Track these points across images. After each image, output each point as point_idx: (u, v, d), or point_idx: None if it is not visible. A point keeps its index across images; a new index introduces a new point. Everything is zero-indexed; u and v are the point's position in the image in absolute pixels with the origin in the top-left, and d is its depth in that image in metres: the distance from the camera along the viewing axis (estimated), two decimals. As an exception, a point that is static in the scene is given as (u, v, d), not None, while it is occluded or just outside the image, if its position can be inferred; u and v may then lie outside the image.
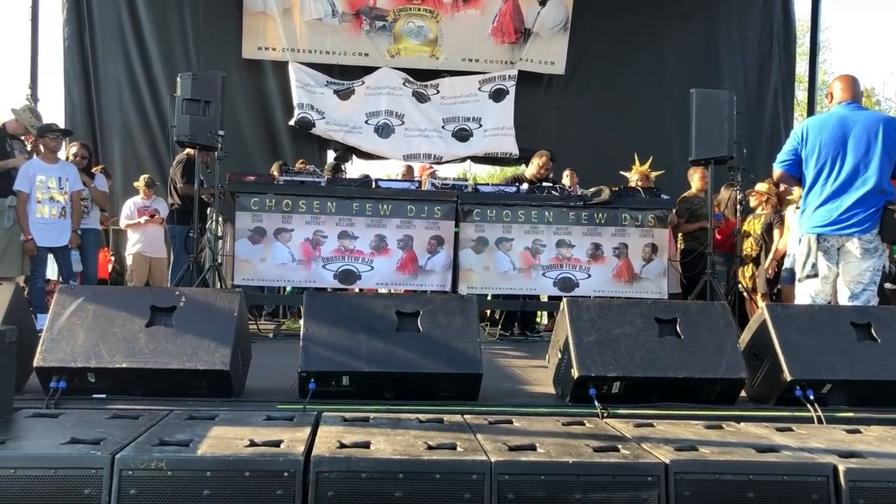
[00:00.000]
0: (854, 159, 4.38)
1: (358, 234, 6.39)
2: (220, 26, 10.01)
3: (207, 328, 3.40)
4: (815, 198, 4.50)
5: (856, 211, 4.38)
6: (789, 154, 4.64)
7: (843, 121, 4.45)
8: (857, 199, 4.37)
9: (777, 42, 11.29)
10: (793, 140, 4.64)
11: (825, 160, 4.45)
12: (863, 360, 3.57)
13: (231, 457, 2.33)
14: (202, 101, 6.36)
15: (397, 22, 10.36)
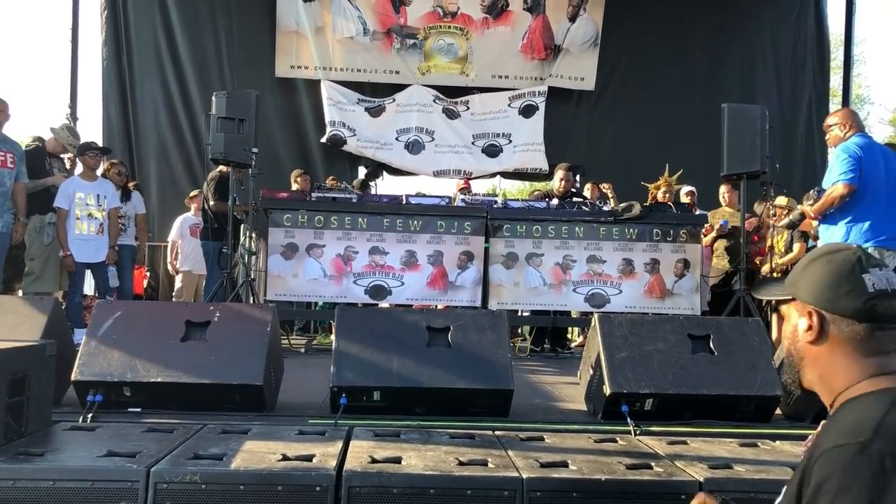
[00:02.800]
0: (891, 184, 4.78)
1: (388, 249, 6.42)
2: (253, 46, 10.18)
3: (241, 343, 3.44)
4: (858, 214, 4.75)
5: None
6: (857, 171, 4.72)
7: (877, 148, 4.87)
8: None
9: (811, 56, 11.19)
10: (854, 162, 4.73)
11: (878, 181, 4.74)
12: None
13: (264, 471, 2.35)
14: (236, 119, 6.45)
15: (428, 40, 10.45)
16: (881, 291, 1.38)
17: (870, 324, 1.38)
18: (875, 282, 1.39)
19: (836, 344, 1.42)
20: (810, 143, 11.02)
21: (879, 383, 1.37)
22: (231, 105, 6.47)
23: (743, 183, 6.68)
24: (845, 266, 1.42)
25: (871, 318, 1.38)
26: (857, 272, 1.40)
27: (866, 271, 1.40)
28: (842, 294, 1.40)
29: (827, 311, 1.42)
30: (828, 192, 4.79)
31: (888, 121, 27.07)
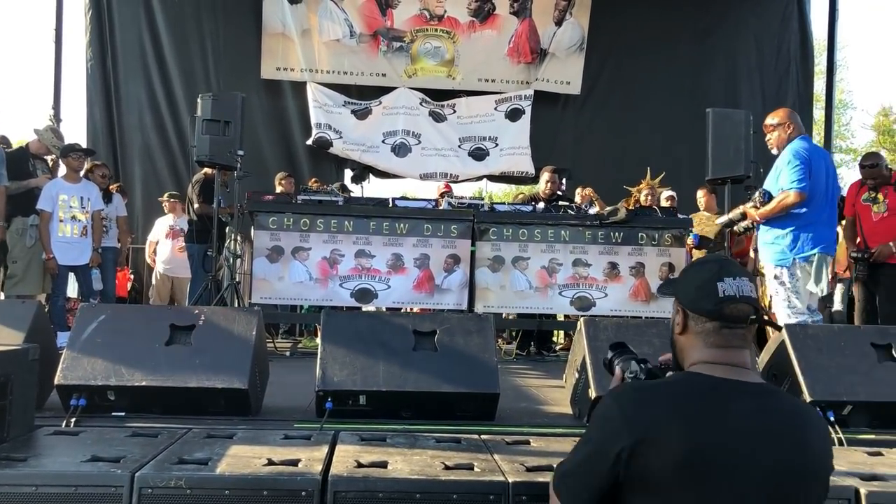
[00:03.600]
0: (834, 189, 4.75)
1: (375, 252, 6.41)
2: (239, 48, 10.15)
3: (226, 347, 3.42)
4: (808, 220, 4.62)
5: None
6: (808, 177, 4.59)
7: (821, 151, 4.88)
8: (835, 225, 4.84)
9: (794, 61, 11.28)
10: (805, 166, 4.59)
11: (824, 187, 4.66)
12: (884, 381, 3.53)
13: (249, 476, 2.33)
14: (222, 121, 6.43)
15: (414, 43, 10.46)
16: (730, 297, 1.67)
17: (718, 322, 1.69)
18: (726, 289, 1.68)
19: (693, 336, 1.73)
20: (794, 148, 11.10)
21: (703, 368, 1.69)
22: (216, 107, 6.45)
23: (728, 187, 6.72)
24: (706, 274, 1.72)
25: (719, 318, 1.69)
26: (713, 280, 1.70)
27: (721, 280, 1.69)
28: (700, 297, 1.71)
29: (689, 310, 1.74)
30: (780, 199, 4.58)
31: (870, 126, 27.34)
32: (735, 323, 1.69)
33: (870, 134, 27.43)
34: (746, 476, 1.56)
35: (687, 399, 1.63)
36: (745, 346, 1.71)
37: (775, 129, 4.78)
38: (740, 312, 1.69)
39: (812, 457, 1.61)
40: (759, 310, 1.73)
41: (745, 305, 1.69)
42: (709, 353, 1.70)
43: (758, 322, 1.72)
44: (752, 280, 1.74)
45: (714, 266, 1.74)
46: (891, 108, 27.22)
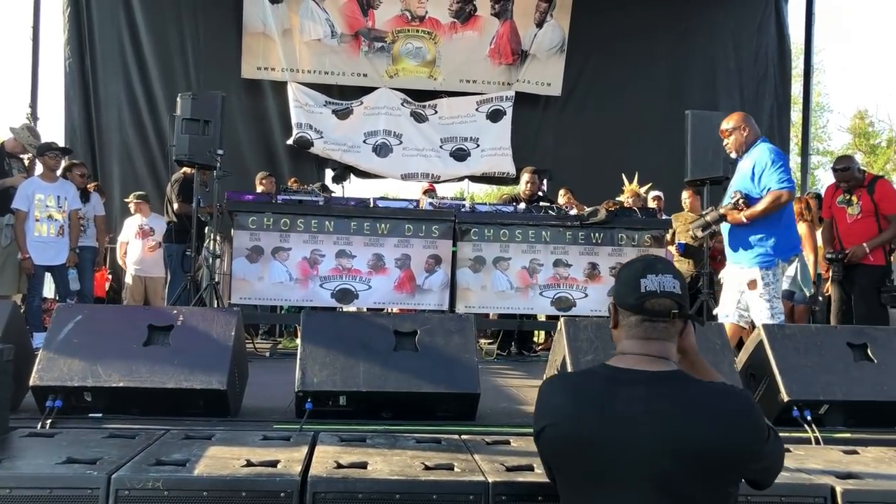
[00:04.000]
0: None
1: (356, 253, 6.39)
2: (219, 47, 10.09)
3: (204, 347, 3.40)
4: (785, 222, 4.64)
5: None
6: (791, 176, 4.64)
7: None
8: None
9: (772, 64, 11.40)
10: (784, 163, 4.61)
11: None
12: (860, 380, 3.57)
13: (228, 477, 2.32)
14: (202, 120, 6.40)
15: (396, 43, 10.45)
16: (651, 292, 1.81)
17: (640, 316, 1.82)
18: (647, 285, 1.82)
19: (621, 328, 1.88)
20: (772, 150, 11.20)
21: (619, 359, 1.85)
22: (196, 106, 6.42)
23: (706, 188, 6.77)
24: (632, 272, 1.86)
25: (640, 312, 1.82)
26: (637, 277, 1.84)
27: (645, 276, 1.83)
28: (625, 293, 1.86)
29: (618, 304, 1.89)
30: (772, 199, 4.48)
31: (846, 128, 27.67)
32: (656, 316, 1.82)
33: (846, 136, 27.79)
34: (627, 456, 1.71)
35: (584, 388, 1.83)
36: (666, 338, 1.84)
37: (732, 133, 4.76)
38: (661, 307, 1.81)
39: (699, 439, 1.68)
40: (683, 305, 1.84)
41: (665, 300, 1.81)
42: (629, 345, 1.85)
43: (681, 317, 1.84)
44: (678, 278, 1.86)
45: (640, 264, 1.88)
46: (866, 112, 27.59)
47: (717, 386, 1.83)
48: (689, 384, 1.80)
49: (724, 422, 1.71)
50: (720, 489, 1.73)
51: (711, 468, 1.70)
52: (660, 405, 1.73)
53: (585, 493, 1.80)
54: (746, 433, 1.73)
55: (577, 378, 1.94)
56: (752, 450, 1.74)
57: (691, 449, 1.69)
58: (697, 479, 1.69)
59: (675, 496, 1.70)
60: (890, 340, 3.75)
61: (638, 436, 1.71)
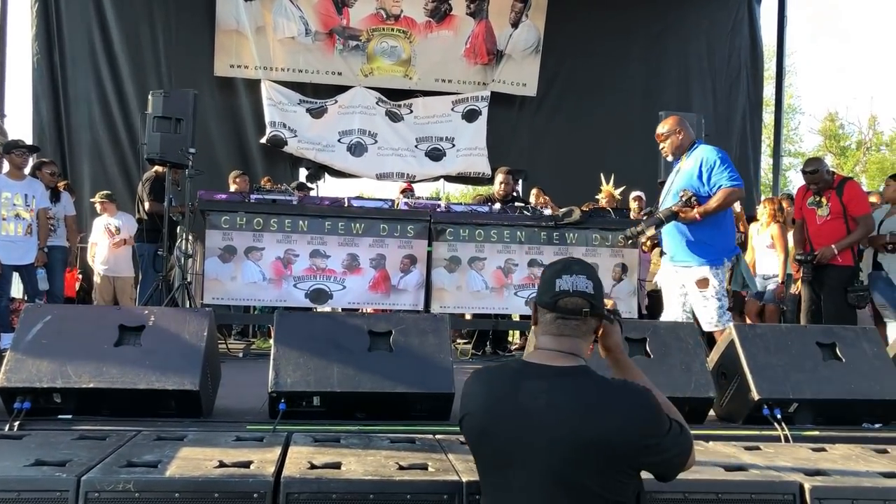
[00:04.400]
0: None
1: (330, 252, 6.37)
2: (192, 44, 10.00)
3: (176, 348, 3.36)
4: (728, 221, 4.70)
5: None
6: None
7: None
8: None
9: (745, 66, 11.53)
10: (731, 162, 4.62)
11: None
12: (828, 379, 3.63)
13: (200, 478, 2.30)
14: (173, 118, 6.34)
15: (371, 42, 10.42)
16: (564, 291, 1.92)
17: (554, 313, 1.93)
18: (561, 284, 1.93)
19: (539, 325, 1.98)
20: (744, 151, 11.35)
21: (532, 353, 1.97)
22: (168, 104, 6.36)
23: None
24: (551, 272, 1.97)
25: (554, 309, 1.93)
26: (554, 277, 1.95)
27: (560, 277, 1.94)
28: (543, 292, 1.97)
29: (537, 302, 1.99)
30: (724, 195, 4.46)
31: (817, 130, 28.07)
32: (568, 314, 1.93)
33: (817, 138, 28.19)
34: (527, 446, 1.83)
35: (496, 381, 1.97)
36: (578, 335, 1.95)
37: (668, 137, 4.77)
38: (573, 305, 1.92)
39: (596, 430, 1.78)
40: (594, 305, 1.95)
41: (577, 299, 1.92)
42: (543, 340, 1.96)
43: (593, 315, 1.95)
44: (591, 279, 1.96)
45: (559, 265, 1.99)
46: (837, 114, 28.01)
47: (617, 382, 1.93)
48: (590, 379, 1.89)
49: (619, 416, 1.81)
50: (614, 479, 1.82)
51: (604, 459, 1.79)
52: (560, 398, 1.84)
53: (494, 479, 1.94)
54: (640, 428, 1.81)
55: (494, 371, 2.03)
56: (645, 444, 1.82)
57: (585, 441, 1.78)
58: (591, 470, 1.80)
59: (569, 485, 1.81)
60: (857, 340, 3.81)
61: (538, 427, 1.82)
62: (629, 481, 1.86)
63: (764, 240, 7.14)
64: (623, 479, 1.84)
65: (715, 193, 4.50)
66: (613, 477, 1.82)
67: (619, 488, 1.84)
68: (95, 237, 8.35)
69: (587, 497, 1.81)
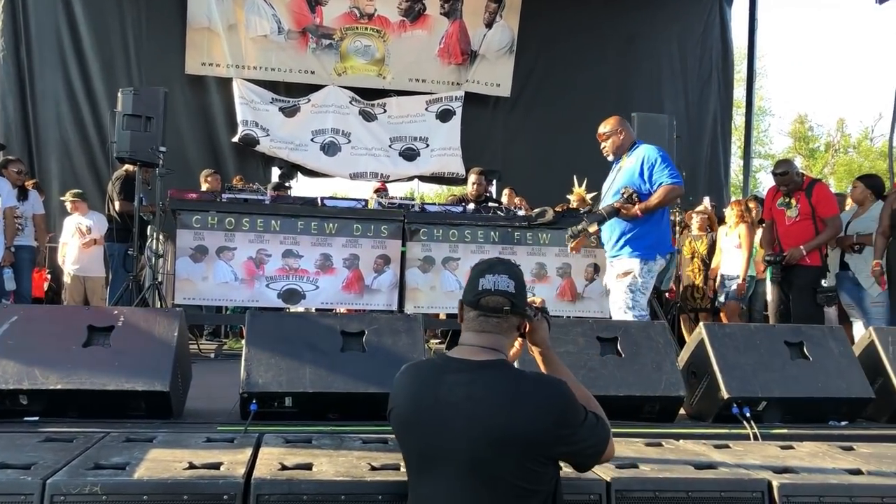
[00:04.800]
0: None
1: (303, 252, 6.33)
2: (162, 41, 9.89)
3: (146, 348, 3.33)
4: (666, 219, 4.77)
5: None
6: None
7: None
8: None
9: (716, 68, 11.65)
10: (671, 161, 4.68)
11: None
12: (796, 377, 3.68)
13: (169, 480, 2.27)
14: (144, 116, 6.28)
15: (344, 41, 10.38)
16: (486, 290, 2.00)
17: (477, 311, 2.01)
18: (484, 283, 2.01)
19: (463, 323, 2.06)
20: (715, 153, 11.48)
21: (456, 349, 2.04)
22: (138, 102, 6.29)
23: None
24: (476, 272, 2.05)
25: (477, 307, 2.01)
26: (478, 277, 2.03)
27: (484, 276, 2.02)
28: (468, 290, 2.05)
29: (462, 301, 2.07)
30: (665, 192, 4.48)
31: (787, 132, 28.47)
32: (490, 312, 2.00)
33: (787, 140, 28.60)
34: (446, 438, 1.90)
35: (420, 375, 2.05)
36: (499, 332, 2.02)
37: (609, 137, 4.86)
38: (494, 303, 2.00)
39: (511, 421, 1.86)
40: (515, 303, 2.02)
41: (499, 298, 2.00)
42: (466, 337, 2.04)
43: (514, 313, 2.03)
44: (514, 278, 2.03)
45: (483, 265, 2.07)
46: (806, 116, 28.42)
47: (532, 375, 2.01)
48: (507, 373, 1.98)
49: (533, 407, 1.88)
50: (530, 469, 1.88)
51: (520, 450, 1.86)
52: (477, 391, 1.91)
53: (418, 472, 2.01)
54: (554, 418, 1.89)
55: (419, 366, 2.11)
56: (558, 433, 1.90)
57: (501, 432, 1.86)
58: (507, 460, 1.86)
59: (487, 476, 1.87)
60: (824, 339, 3.87)
61: (456, 419, 1.89)
62: (545, 470, 1.93)
63: (732, 240, 7.22)
64: (539, 469, 1.90)
65: (656, 191, 4.55)
66: (529, 466, 1.88)
67: (536, 477, 1.90)
68: (66, 237, 8.24)
69: (504, 487, 1.88)
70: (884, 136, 24.82)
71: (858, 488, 2.54)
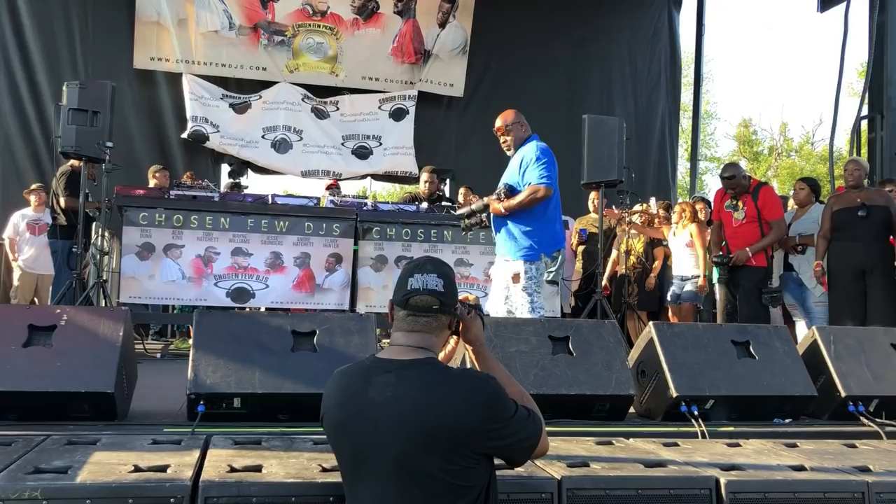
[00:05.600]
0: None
1: (252, 251, 6.25)
2: (109, 35, 9.67)
3: (90, 348, 3.24)
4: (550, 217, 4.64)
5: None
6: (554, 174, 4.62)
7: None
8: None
9: (664, 72, 11.84)
10: (550, 162, 4.63)
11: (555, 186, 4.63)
12: (742, 376, 3.75)
13: (113, 483, 2.21)
14: (90, 111, 6.12)
15: (296, 38, 10.28)
16: (414, 290, 2.00)
17: (405, 310, 2.02)
18: (412, 283, 2.01)
19: (394, 322, 2.06)
20: (663, 154, 11.66)
21: (385, 349, 2.07)
22: (84, 96, 6.13)
23: (601, 191, 6.97)
24: (405, 272, 2.06)
25: (405, 307, 2.02)
26: (407, 276, 2.03)
27: (412, 276, 2.02)
28: (397, 290, 2.06)
29: (392, 300, 2.08)
30: (529, 193, 4.50)
31: (733, 136, 29.09)
32: (419, 311, 2.01)
33: (732, 144, 29.22)
34: (376, 436, 1.90)
35: (349, 378, 2.04)
36: (429, 331, 2.03)
37: (510, 131, 4.81)
38: (423, 303, 2.00)
39: (437, 416, 1.86)
40: (444, 302, 2.02)
41: (427, 297, 2.00)
42: (395, 336, 2.05)
43: (443, 312, 2.03)
44: (443, 277, 2.03)
45: (412, 265, 2.08)
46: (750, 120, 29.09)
47: (459, 371, 2.04)
48: (434, 370, 1.98)
49: (460, 402, 1.89)
50: (458, 465, 1.88)
51: (447, 445, 1.86)
52: (404, 389, 1.92)
53: (351, 475, 2.00)
54: (481, 412, 1.89)
55: (349, 369, 2.09)
56: (486, 428, 1.89)
57: (428, 427, 1.86)
58: (435, 457, 1.86)
59: (415, 473, 1.87)
60: (770, 338, 3.95)
61: (384, 419, 1.89)
62: (477, 466, 1.92)
63: (682, 240, 7.33)
64: (469, 465, 1.90)
65: (524, 190, 4.53)
66: (459, 463, 1.88)
67: (467, 474, 1.90)
68: (16, 231, 8.02)
69: (434, 484, 1.87)
70: (824, 140, 25.60)
71: (801, 484, 2.60)
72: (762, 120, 48.82)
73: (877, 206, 5.86)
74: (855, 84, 18.62)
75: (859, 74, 18.51)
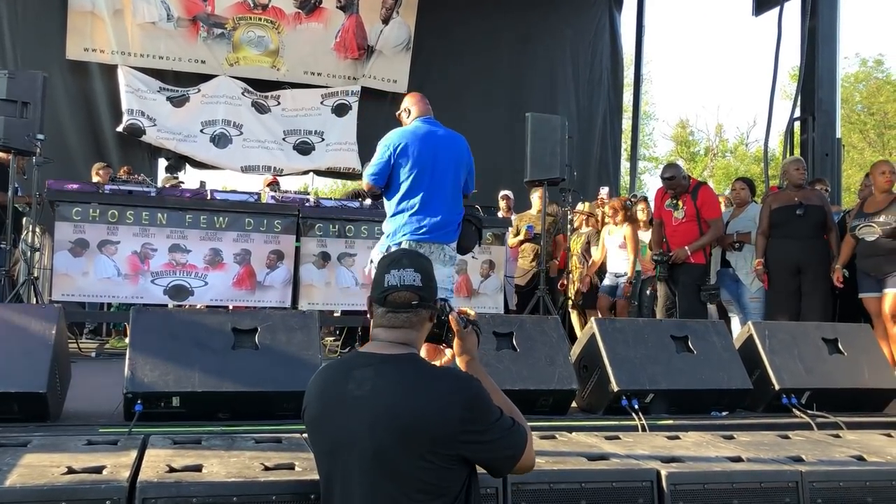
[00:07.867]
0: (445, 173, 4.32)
1: (191, 247, 6.11)
2: (41, 24, 9.35)
3: (21, 347, 3.13)
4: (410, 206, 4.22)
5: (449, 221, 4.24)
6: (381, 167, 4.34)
7: (433, 135, 4.46)
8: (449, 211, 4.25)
9: (606, 72, 12.02)
10: (385, 152, 4.36)
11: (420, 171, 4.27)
12: (681, 370, 3.84)
13: (45, 486, 2.14)
14: (20, 102, 5.89)
15: (237, 31, 10.11)
16: (392, 286, 1.97)
17: (384, 307, 1.99)
18: (389, 279, 1.98)
19: (373, 319, 2.04)
20: (604, 153, 11.84)
21: (366, 344, 2.06)
22: (13, 86, 5.90)
23: (544, 189, 7.03)
24: (381, 268, 2.03)
25: (384, 304, 1.99)
26: (383, 273, 2.01)
27: (389, 272, 1.99)
28: (374, 287, 2.05)
29: (371, 298, 2.05)
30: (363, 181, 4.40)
31: (670, 136, 29.72)
32: (397, 308, 1.98)
33: (670, 144, 29.85)
34: (353, 430, 1.88)
35: (330, 373, 2.03)
36: (409, 326, 2.00)
37: (402, 114, 4.66)
38: (401, 299, 1.98)
39: (414, 412, 1.84)
40: (423, 297, 1.99)
41: (405, 293, 1.98)
42: (377, 333, 2.03)
43: (422, 307, 2.00)
44: (420, 272, 2.00)
45: (387, 261, 2.06)
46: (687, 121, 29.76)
47: (441, 370, 2.01)
48: (415, 366, 1.96)
49: (439, 399, 1.86)
50: (434, 465, 1.84)
51: (423, 444, 1.83)
52: (383, 383, 1.90)
53: (327, 469, 1.98)
54: (461, 412, 1.85)
55: (331, 364, 2.08)
56: (465, 429, 1.85)
57: (404, 423, 1.84)
58: (411, 454, 1.84)
59: (390, 470, 1.84)
60: (707, 333, 4.05)
61: (361, 412, 1.87)
62: (453, 468, 1.87)
63: (616, 240, 7.42)
64: (445, 466, 1.85)
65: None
66: (435, 462, 1.84)
67: (441, 475, 1.86)
68: None
69: (408, 482, 1.84)
70: (758, 141, 26.33)
71: (739, 474, 2.67)
72: (698, 121, 50.06)
73: (813, 205, 6.04)
74: (787, 87, 19.19)
75: (792, 77, 19.08)
